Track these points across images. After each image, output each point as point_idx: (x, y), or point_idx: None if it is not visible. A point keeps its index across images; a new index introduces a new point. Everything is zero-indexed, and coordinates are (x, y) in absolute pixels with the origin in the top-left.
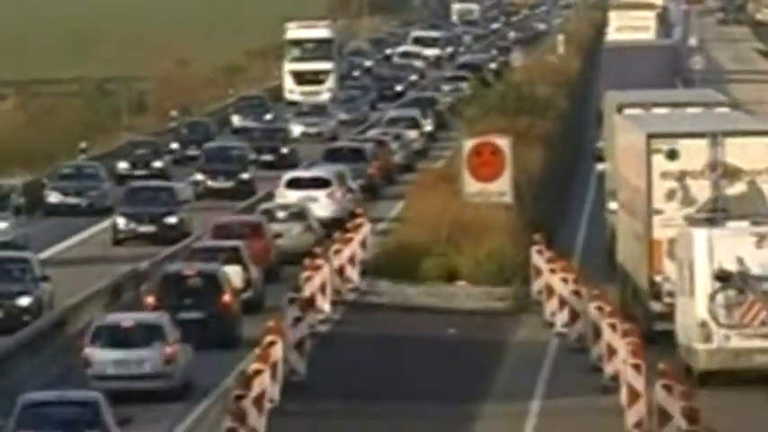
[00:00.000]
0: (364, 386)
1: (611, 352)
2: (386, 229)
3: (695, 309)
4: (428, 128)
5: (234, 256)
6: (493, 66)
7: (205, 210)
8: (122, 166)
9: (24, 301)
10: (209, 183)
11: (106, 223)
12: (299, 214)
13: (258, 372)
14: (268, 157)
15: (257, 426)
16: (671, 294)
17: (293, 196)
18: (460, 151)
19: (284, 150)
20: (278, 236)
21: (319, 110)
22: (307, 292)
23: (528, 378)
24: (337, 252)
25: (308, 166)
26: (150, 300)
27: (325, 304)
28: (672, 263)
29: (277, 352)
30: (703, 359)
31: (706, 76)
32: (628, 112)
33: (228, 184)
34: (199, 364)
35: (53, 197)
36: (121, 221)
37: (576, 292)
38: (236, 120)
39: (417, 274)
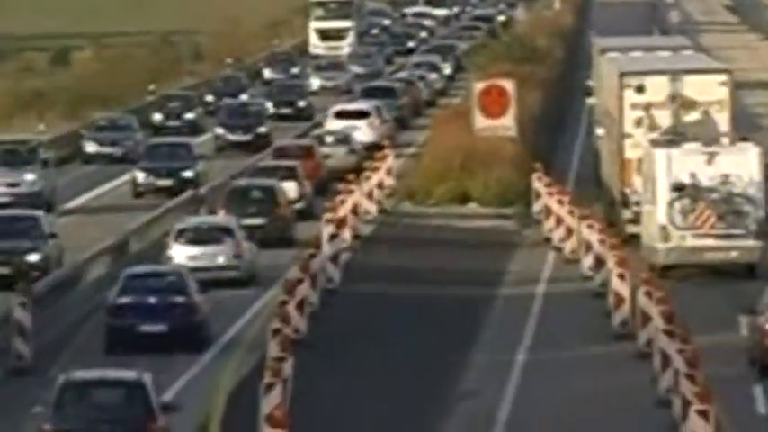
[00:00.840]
0: (396, 279)
1: (600, 263)
2: (414, 152)
3: (657, 215)
4: (447, 71)
5: (290, 174)
6: (501, 18)
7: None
8: (157, 117)
9: (33, 257)
10: (229, 136)
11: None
12: (344, 139)
13: (300, 280)
14: (286, 111)
15: (300, 326)
16: (638, 204)
17: (339, 125)
18: (472, 92)
19: (301, 104)
20: (327, 157)
21: (336, 65)
22: (341, 213)
23: (532, 278)
24: (368, 179)
25: (350, 101)
26: (221, 209)
27: (356, 222)
28: (639, 178)
29: (315, 264)
30: (663, 256)
31: (681, 26)
32: (609, 55)
33: (246, 138)
34: (262, 260)
35: (90, 147)
36: (141, 176)
37: (571, 212)
38: (267, 73)
39: (434, 196)
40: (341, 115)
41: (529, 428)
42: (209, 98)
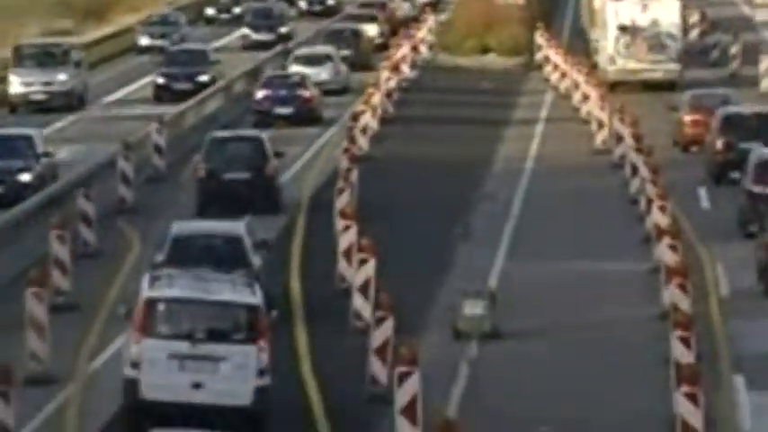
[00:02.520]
0: (437, 105)
1: (586, 97)
2: (447, 18)
3: (607, 48)
4: None
5: (372, 18)
6: None
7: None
8: (209, 11)
9: (25, 177)
10: (254, 36)
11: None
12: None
13: (363, 111)
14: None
15: (363, 146)
16: (596, 41)
17: None
18: None
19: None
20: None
21: None
22: (395, 59)
23: (536, 108)
24: (412, 36)
25: None
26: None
27: (406, 68)
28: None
29: (376, 99)
30: (612, 75)
31: None
32: None
33: (270, 37)
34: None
35: (143, 40)
36: (160, 80)
37: (564, 60)
38: None
39: (463, 49)
40: None
41: (534, 216)
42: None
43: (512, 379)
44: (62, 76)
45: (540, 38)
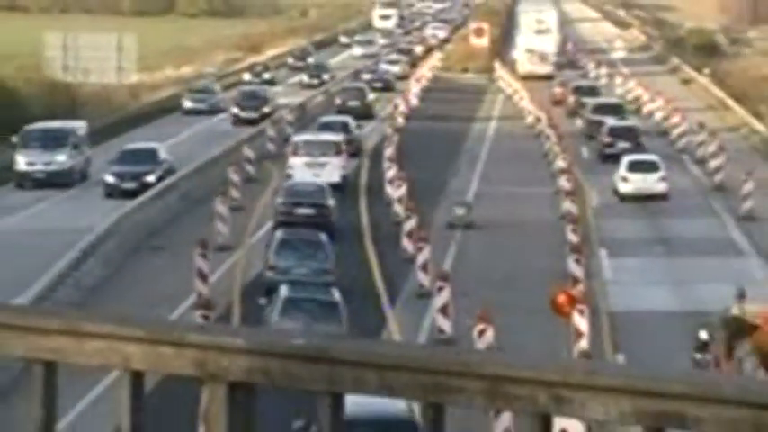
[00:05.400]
0: (440, 98)
1: (521, 98)
2: (447, 52)
3: (520, 60)
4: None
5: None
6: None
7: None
8: (246, 77)
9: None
10: (242, 114)
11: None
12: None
13: (398, 103)
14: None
15: (400, 121)
16: (515, 62)
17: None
18: (469, 27)
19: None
20: None
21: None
22: (417, 74)
23: (493, 103)
24: (424, 65)
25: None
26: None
27: (424, 80)
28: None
29: (408, 95)
30: (522, 74)
31: None
32: None
33: (255, 115)
34: None
35: (187, 103)
36: (110, 179)
37: (509, 77)
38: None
39: (453, 70)
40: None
41: (493, 162)
42: (290, 61)
43: (480, 249)
44: (61, 158)
45: (497, 65)
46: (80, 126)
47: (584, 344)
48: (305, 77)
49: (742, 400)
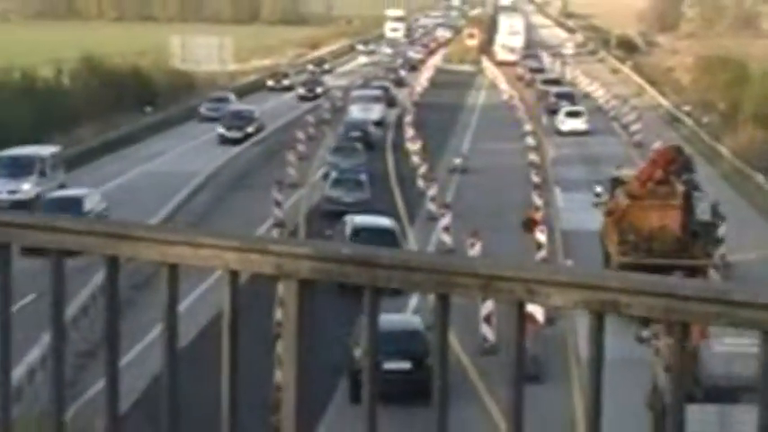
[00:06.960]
0: (442, 85)
1: (500, 81)
2: (450, 49)
3: (496, 51)
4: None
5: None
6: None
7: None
8: (269, 82)
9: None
10: (227, 134)
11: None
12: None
13: (415, 86)
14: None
15: (417, 96)
16: (493, 53)
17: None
18: (463, 32)
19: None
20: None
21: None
22: (429, 63)
23: (480, 85)
24: (434, 57)
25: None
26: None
27: (432, 69)
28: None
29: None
30: (498, 60)
31: None
32: None
33: (239, 135)
34: None
35: (204, 111)
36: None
37: (493, 66)
38: (360, 46)
39: (453, 62)
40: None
41: (481, 126)
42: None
43: (472, 187)
44: (26, 186)
45: (483, 58)
46: (49, 152)
47: (543, 253)
48: (301, 90)
49: (656, 292)
